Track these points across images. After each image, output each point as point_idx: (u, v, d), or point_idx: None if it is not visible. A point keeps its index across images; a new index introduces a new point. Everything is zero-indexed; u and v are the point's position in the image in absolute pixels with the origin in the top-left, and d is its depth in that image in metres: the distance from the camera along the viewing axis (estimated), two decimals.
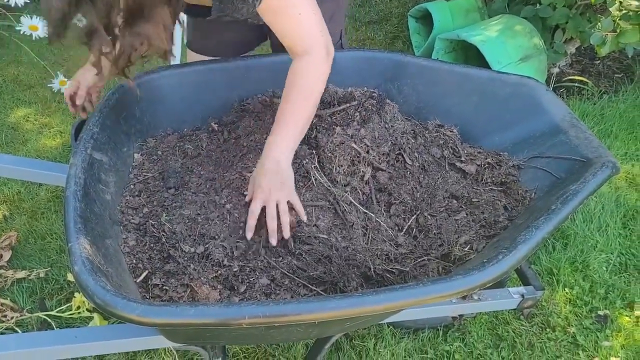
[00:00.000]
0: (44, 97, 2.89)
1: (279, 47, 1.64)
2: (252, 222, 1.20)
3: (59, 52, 3.31)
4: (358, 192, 1.33)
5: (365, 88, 1.55)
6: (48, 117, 2.74)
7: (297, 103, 1.23)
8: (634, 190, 2.42)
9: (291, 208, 1.22)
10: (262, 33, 1.67)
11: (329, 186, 1.31)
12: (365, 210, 1.30)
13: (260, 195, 1.19)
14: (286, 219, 1.19)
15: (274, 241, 1.19)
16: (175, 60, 2.26)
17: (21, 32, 1.54)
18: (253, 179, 1.24)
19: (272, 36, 1.67)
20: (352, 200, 1.30)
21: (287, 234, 1.20)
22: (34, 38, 1.58)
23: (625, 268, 2.07)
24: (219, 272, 1.17)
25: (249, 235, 1.20)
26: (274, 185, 1.19)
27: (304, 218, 1.23)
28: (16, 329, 1.71)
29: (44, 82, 3.00)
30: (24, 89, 2.96)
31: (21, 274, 1.88)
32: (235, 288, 1.15)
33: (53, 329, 1.69)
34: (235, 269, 1.18)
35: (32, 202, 2.22)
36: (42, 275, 1.89)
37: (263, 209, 1.20)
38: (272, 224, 1.18)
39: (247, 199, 1.25)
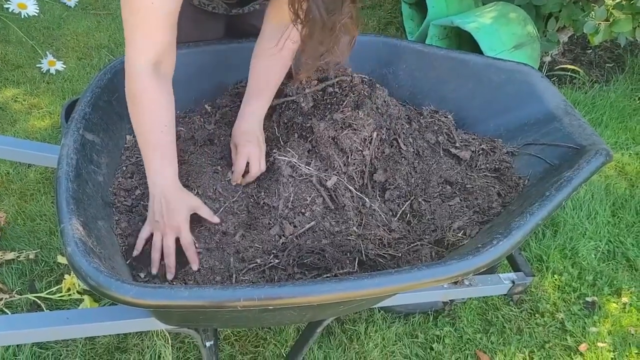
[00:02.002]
0: (32, 77, 2.84)
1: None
2: (155, 255, 1.14)
3: (47, 32, 3.26)
4: (353, 177, 1.32)
5: (355, 74, 1.54)
6: (37, 97, 2.70)
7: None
8: (623, 179, 2.44)
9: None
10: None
11: (323, 171, 1.31)
12: (360, 195, 1.30)
13: (154, 227, 1.15)
14: (171, 260, 1.13)
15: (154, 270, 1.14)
16: None
17: (9, 10, 1.51)
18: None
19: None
20: (347, 185, 1.30)
21: (170, 275, 1.14)
22: (22, 16, 1.55)
23: (613, 255, 2.10)
24: None
25: (154, 270, 1.14)
26: (161, 215, 1.13)
27: (195, 266, 1.15)
28: (5, 310, 1.69)
29: (32, 62, 2.95)
30: (12, 69, 2.91)
31: (10, 256, 1.86)
32: None
33: (43, 310, 1.68)
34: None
35: (21, 184, 2.19)
36: (31, 257, 1.87)
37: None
38: (155, 255, 1.14)
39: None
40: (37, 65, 2.84)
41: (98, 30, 3.32)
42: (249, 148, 1.29)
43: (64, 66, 1.96)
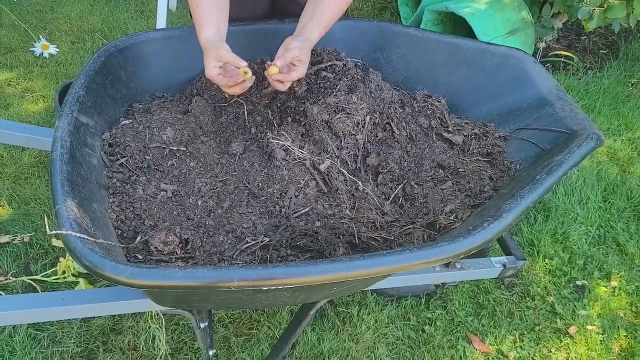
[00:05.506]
0: (26, 61, 2.83)
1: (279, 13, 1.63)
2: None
3: (40, 15, 3.23)
4: (346, 161, 1.33)
5: (349, 59, 1.54)
6: (30, 81, 2.69)
7: None
8: (615, 165, 2.46)
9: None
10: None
11: (316, 155, 1.31)
12: (353, 179, 1.31)
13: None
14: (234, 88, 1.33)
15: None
16: (161, 25, 2.23)
17: None
18: None
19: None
20: (341, 169, 1.31)
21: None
22: (15, 0, 1.53)
23: (604, 240, 2.12)
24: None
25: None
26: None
27: (242, 64, 1.29)
28: (1, 292, 1.70)
29: (25, 46, 2.93)
30: (5, 53, 2.89)
31: (5, 239, 1.87)
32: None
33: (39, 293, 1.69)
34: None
35: (16, 167, 2.19)
36: (26, 240, 1.88)
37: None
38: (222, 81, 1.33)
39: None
40: (31, 49, 2.83)
41: (92, 14, 3.29)
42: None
43: (58, 50, 1.96)
